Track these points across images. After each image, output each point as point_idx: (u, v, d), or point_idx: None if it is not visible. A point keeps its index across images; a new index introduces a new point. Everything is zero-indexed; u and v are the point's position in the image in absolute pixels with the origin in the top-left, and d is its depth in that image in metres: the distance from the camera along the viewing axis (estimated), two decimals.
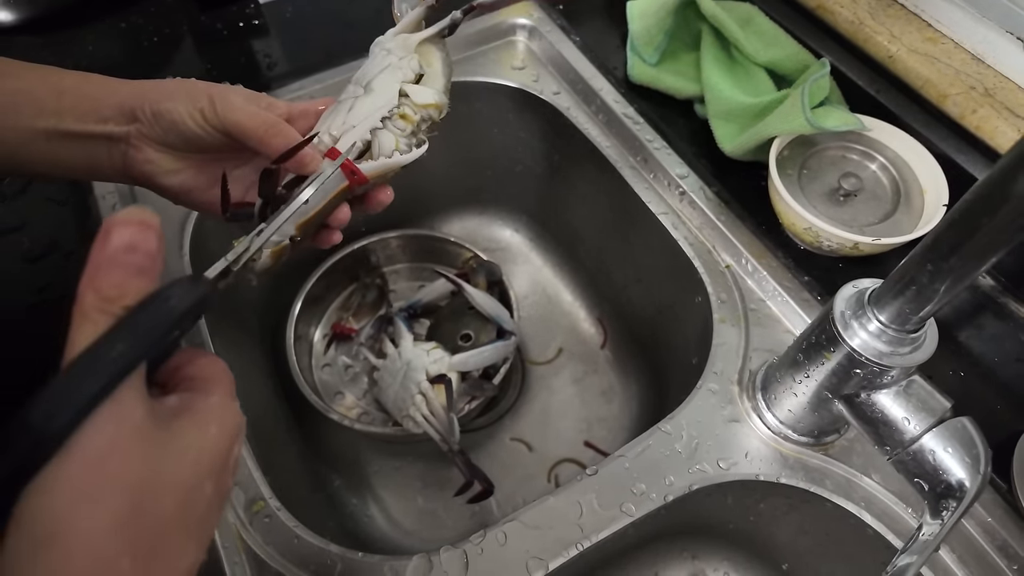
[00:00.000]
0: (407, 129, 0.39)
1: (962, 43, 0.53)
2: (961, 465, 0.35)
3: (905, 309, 0.35)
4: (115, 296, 0.22)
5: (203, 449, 0.23)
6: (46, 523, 0.19)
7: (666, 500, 0.43)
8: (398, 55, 0.40)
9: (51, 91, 0.36)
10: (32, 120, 0.35)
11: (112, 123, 0.36)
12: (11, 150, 0.36)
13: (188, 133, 0.36)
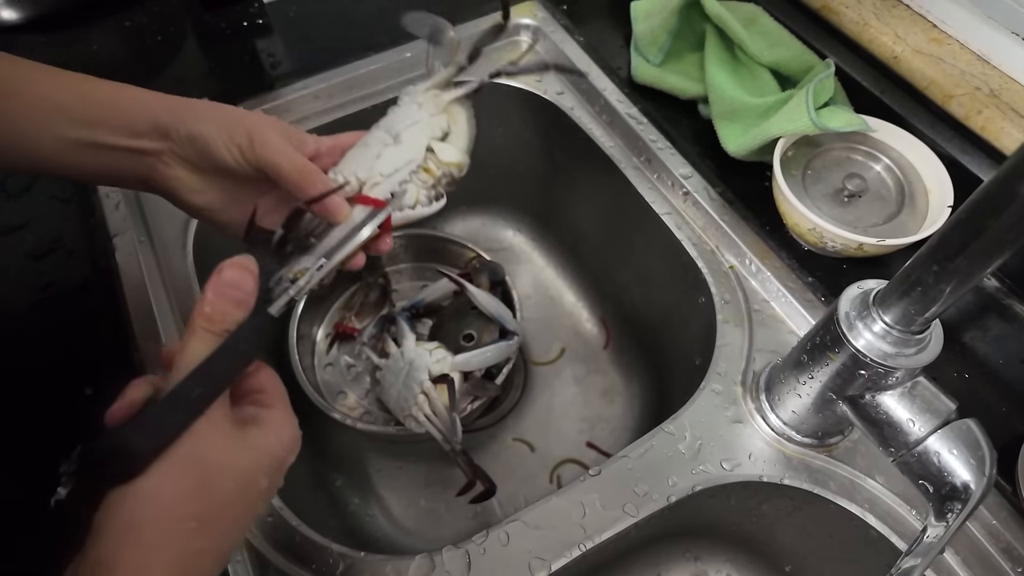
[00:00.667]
0: (428, 182, 0.41)
1: (967, 44, 0.53)
2: (966, 467, 0.35)
3: (910, 310, 0.35)
4: (218, 320, 0.29)
5: (264, 449, 0.29)
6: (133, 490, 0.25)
7: (669, 501, 0.43)
8: (429, 112, 0.42)
9: (84, 101, 0.36)
10: (63, 130, 0.36)
11: (145, 139, 0.37)
12: (40, 156, 0.37)
13: (222, 163, 0.38)
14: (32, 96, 0.36)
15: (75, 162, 0.37)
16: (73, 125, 0.36)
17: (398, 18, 0.68)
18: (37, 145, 0.36)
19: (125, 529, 0.25)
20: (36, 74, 0.37)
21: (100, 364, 0.48)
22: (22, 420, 0.46)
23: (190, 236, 0.55)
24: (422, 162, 0.41)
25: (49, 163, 0.37)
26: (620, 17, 0.68)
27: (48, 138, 0.36)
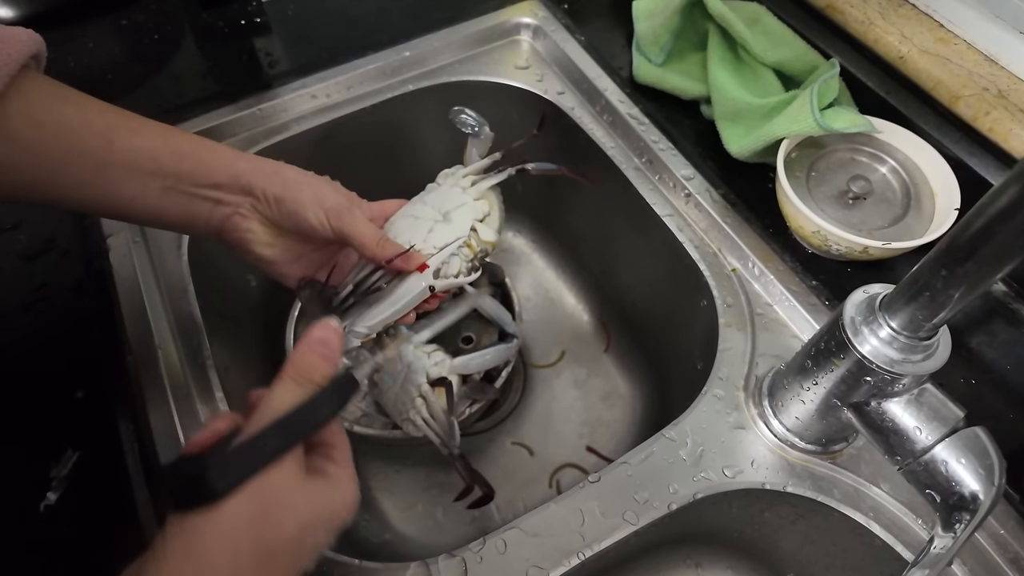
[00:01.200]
0: (469, 256, 0.48)
1: (975, 44, 0.52)
2: (975, 477, 0.34)
3: (918, 315, 0.34)
4: (306, 372, 0.31)
5: (326, 504, 0.30)
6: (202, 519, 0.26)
7: (670, 509, 0.43)
8: (472, 196, 0.50)
9: (171, 153, 0.40)
10: (149, 178, 0.39)
11: (224, 191, 0.41)
12: (122, 201, 0.39)
13: (306, 226, 0.42)
14: (128, 147, 0.38)
15: (156, 208, 0.40)
16: (160, 175, 0.39)
17: (397, 17, 0.68)
18: (121, 191, 0.39)
19: (186, 553, 0.26)
20: (134, 124, 0.40)
21: (93, 366, 0.47)
22: (12, 423, 0.45)
23: (185, 238, 0.54)
24: (467, 239, 0.48)
25: (129, 209, 0.40)
26: (621, 16, 0.67)
27: (134, 186, 0.39)
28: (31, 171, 0.37)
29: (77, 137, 0.37)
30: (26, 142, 0.36)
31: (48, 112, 0.37)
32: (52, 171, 0.37)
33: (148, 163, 0.39)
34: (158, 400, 0.46)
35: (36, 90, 0.37)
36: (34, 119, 0.36)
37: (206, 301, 0.52)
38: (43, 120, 0.36)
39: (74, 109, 0.38)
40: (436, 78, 0.64)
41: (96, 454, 0.43)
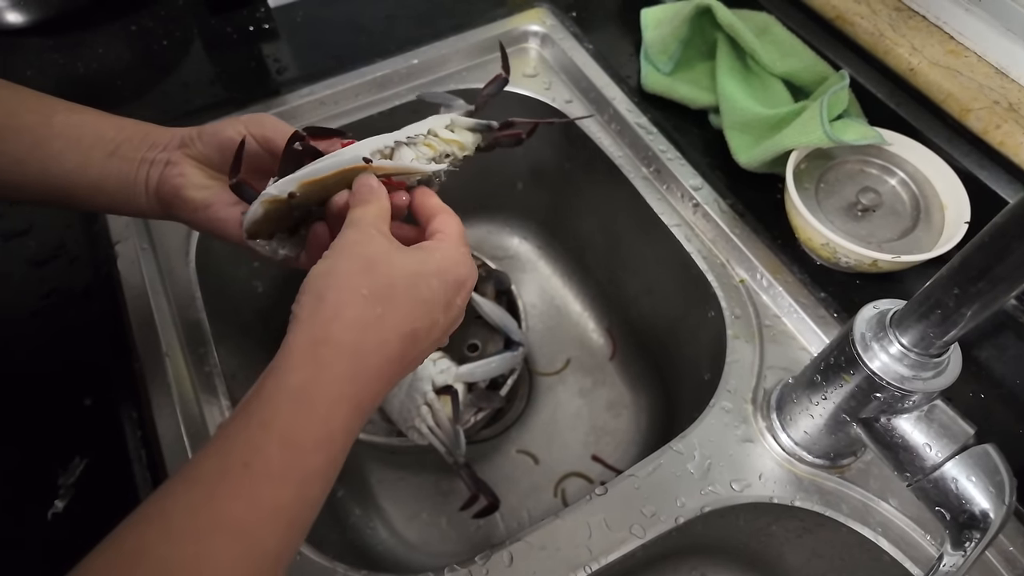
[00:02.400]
0: (428, 154, 0.40)
1: (985, 56, 0.52)
2: (985, 495, 0.34)
3: (929, 333, 0.34)
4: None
5: (428, 259, 0.33)
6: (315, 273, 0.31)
7: (677, 522, 0.42)
8: (436, 120, 0.42)
9: (113, 125, 0.39)
10: (90, 148, 0.38)
11: (161, 149, 0.40)
12: (66, 173, 0.38)
13: (228, 144, 0.39)
14: (68, 121, 0.38)
15: (97, 179, 0.39)
16: (102, 143, 0.38)
17: (405, 24, 0.68)
18: (61, 164, 0.38)
19: (315, 299, 0.30)
20: (73, 105, 0.39)
21: (100, 373, 0.47)
22: (21, 429, 0.45)
23: (192, 245, 0.55)
24: (424, 136, 0.40)
25: (69, 184, 0.38)
26: (629, 25, 0.67)
27: (74, 158, 0.38)
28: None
29: (12, 115, 0.37)
30: None
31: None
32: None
33: (90, 134, 0.38)
34: (165, 408, 0.46)
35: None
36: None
37: (212, 308, 0.52)
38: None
39: (8, 92, 0.38)
40: (444, 85, 0.64)
41: (103, 462, 0.43)
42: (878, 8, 0.56)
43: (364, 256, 0.31)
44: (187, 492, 0.27)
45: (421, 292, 0.32)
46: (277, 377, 0.29)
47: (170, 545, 0.25)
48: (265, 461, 0.27)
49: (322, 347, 0.29)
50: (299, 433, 0.28)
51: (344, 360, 0.29)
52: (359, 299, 0.30)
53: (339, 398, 0.29)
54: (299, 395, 0.28)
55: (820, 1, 0.58)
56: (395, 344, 0.31)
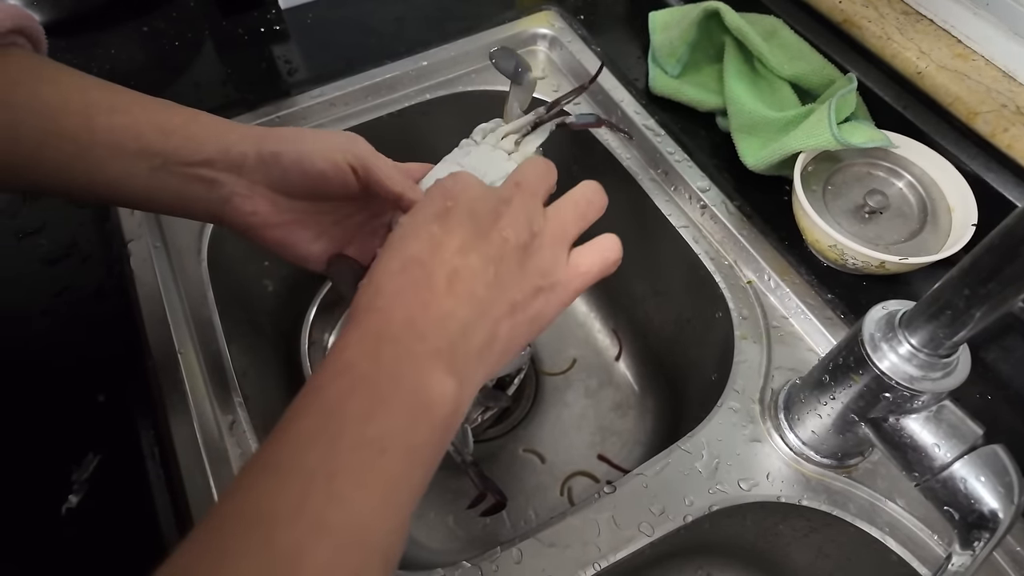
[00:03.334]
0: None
1: (993, 60, 0.52)
2: (994, 495, 0.34)
3: (939, 334, 0.34)
4: None
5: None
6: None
7: (685, 521, 0.43)
8: (517, 163, 0.44)
9: (157, 130, 0.36)
10: (134, 158, 0.36)
11: (216, 167, 0.37)
12: (107, 183, 0.36)
13: (315, 176, 0.37)
14: (109, 125, 0.35)
15: (145, 191, 0.37)
16: (146, 155, 0.36)
17: (414, 27, 0.68)
18: (105, 173, 0.36)
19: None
20: (117, 100, 0.36)
21: (113, 370, 0.48)
22: (35, 425, 0.45)
23: (204, 243, 0.55)
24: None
25: (117, 192, 0.37)
26: (637, 27, 0.68)
27: (119, 167, 0.36)
28: (8, 155, 0.34)
29: (53, 119, 0.34)
30: (0, 125, 0.34)
31: (22, 92, 0.34)
32: (30, 155, 0.35)
33: (132, 142, 0.35)
34: (178, 405, 0.46)
35: (12, 69, 0.34)
36: (7, 100, 0.34)
37: (224, 306, 0.53)
38: (15, 102, 0.34)
39: (51, 89, 0.35)
40: (453, 87, 0.65)
41: (117, 458, 0.44)
42: (885, 12, 0.56)
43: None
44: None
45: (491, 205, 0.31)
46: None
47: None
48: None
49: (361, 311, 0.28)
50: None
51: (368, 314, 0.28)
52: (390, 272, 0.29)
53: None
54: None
55: (828, 4, 0.58)
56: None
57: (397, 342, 0.27)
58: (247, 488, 0.24)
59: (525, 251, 0.31)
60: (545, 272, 0.31)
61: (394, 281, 0.28)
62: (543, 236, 0.31)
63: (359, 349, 0.27)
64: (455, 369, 0.27)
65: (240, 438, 0.46)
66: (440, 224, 0.29)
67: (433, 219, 0.29)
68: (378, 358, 0.26)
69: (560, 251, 0.32)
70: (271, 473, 0.24)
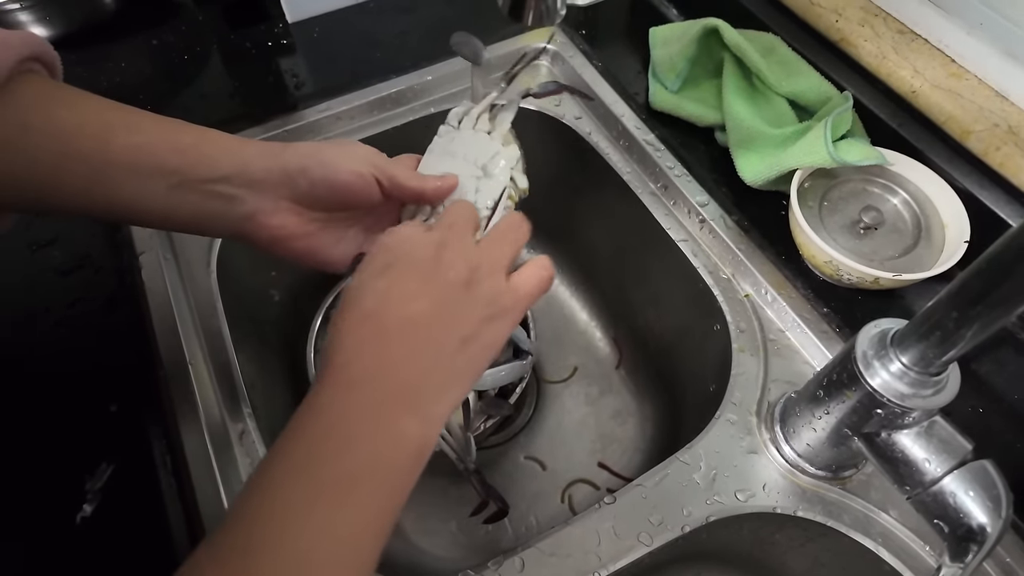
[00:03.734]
0: (512, 207, 0.45)
1: (986, 79, 0.53)
2: (982, 508, 0.35)
3: (929, 353, 0.35)
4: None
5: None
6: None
7: (683, 531, 0.44)
8: (500, 142, 0.46)
9: (171, 149, 0.37)
10: (149, 176, 0.37)
11: (233, 184, 0.38)
12: (124, 202, 0.37)
13: (341, 187, 0.39)
14: (125, 145, 0.36)
15: (164, 209, 0.38)
16: (163, 173, 0.37)
17: (419, 41, 0.70)
18: (123, 193, 0.37)
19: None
20: (132, 120, 0.37)
21: (125, 380, 0.49)
22: (49, 435, 0.47)
23: (214, 255, 0.56)
24: (510, 191, 0.45)
25: (135, 212, 0.38)
26: (638, 43, 0.69)
27: (137, 187, 0.37)
28: (27, 179, 0.35)
29: (70, 141, 0.35)
30: (18, 149, 0.34)
31: (38, 116, 0.35)
32: (49, 177, 0.35)
33: (148, 161, 0.36)
34: (189, 414, 0.47)
35: (28, 94, 0.35)
36: (24, 124, 0.34)
37: (232, 316, 0.54)
38: (34, 124, 0.35)
39: (67, 112, 0.36)
40: (457, 101, 0.66)
41: (130, 467, 0.45)
42: (881, 31, 0.57)
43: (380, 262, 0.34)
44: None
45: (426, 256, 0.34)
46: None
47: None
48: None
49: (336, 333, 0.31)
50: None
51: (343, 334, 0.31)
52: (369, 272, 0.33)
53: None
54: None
55: (825, 23, 0.60)
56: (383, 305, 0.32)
57: (361, 391, 0.30)
58: (237, 519, 0.28)
59: (467, 286, 0.33)
60: (490, 301, 0.34)
61: (352, 336, 0.31)
62: (481, 269, 0.34)
63: (330, 396, 0.30)
64: (418, 409, 0.31)
65: (249, 447, 0.48)
66: (385, 278, 0.32)
67: (379, 274, 0.32)
68: (346, 405, 0.30)
69: (499, 279, 0.35)
70: (256, 506, 0.28)
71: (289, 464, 0.29)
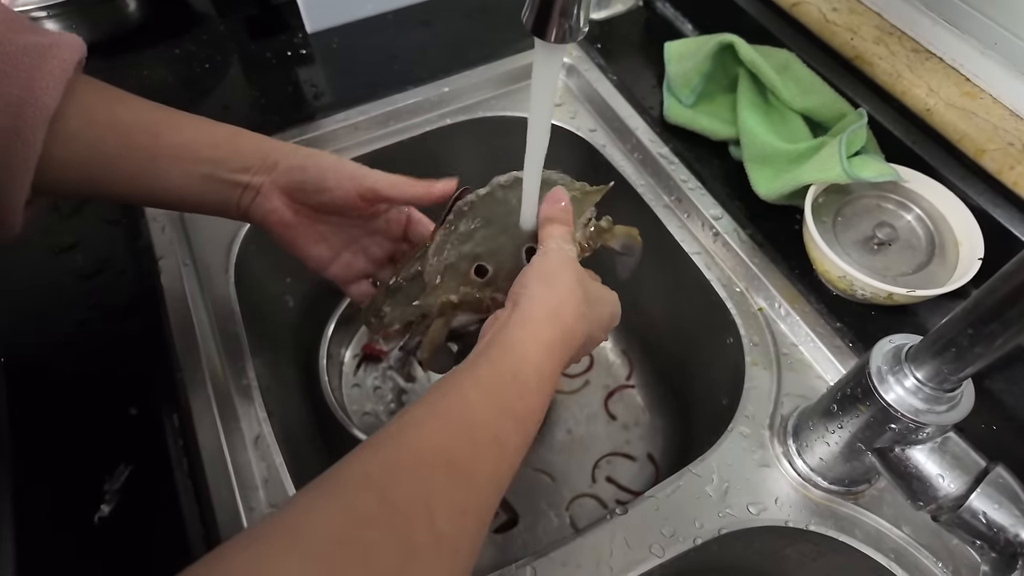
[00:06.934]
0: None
1: (1000, 98, 0.54)
2: (1013, 519, 0.35)
3: (943, 369, 0.35)
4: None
5: (599, 300, 0.41)
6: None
7: (695, 543, 0.44)
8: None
9: (208, 143, 0.42)
10: (191, 167, 0.42)
11: (253, 172, 0.43)
12: (168, 189, 0.42)
13: (324, 191, 0.43)
14: (171, 141, 0.41)
15: (198, 195, 0.43)
16: (200, 164, 0.42)
17: (436, 54, 0.71)
18: (167, 181, 0.41)
19: (545, 286, 0.37)
20: (174, 119, 0.42)
21: (144, 383, 0.49)
22: (69, 436, 0.47)
23: (232, 261, 0.57)
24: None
25: (173, 197, 0.42)
26: (653, 57, 0.70)
27: (178, 176, 0.41)
28: (88, 168, 0.40)
29: (127, 134, 0.40)
30: (84, 141, 0.39)
31: (103, 112, 0.39)
32: (106, 166, 0.40)
33: (189, 154, 0.41)
34: (205, 418, 0.48)
35: (89, 92, 0.39)
36: (91, 119, 0.39)
37: (249, 321, 0.55)
38: (99, 119, 0.39)
39: (124, 108, 0.41)
40: (473, 113, 0.67)
41: (147, 469, 0.46)
42: (896, 49, 0.58)
43: (577, 274, 0.39)
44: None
45: (602, 315, 0.41)
46: (528, 331, 0.35)
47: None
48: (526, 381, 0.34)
49: (554, 318, 0.36)
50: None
51: (563, 332, 0.36)
52: (577, 299, 0.37)
53: (559, 357, 0.36)
54: (548, 347, 0.35)
55: (840, 41, 0.60)
56: (580, 338, 0.38)
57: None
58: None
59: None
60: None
61: (571, 314, 0.38)
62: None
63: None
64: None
65: (264, 451, 0.48)
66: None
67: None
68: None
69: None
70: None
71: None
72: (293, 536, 0.24)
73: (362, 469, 0.28)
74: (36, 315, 0.53)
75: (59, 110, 0.36)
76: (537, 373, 0.34)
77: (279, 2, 0.75)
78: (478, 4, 0.76)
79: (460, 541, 0.28)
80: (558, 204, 0.42)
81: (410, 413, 0.31)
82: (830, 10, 0.62)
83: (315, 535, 0.24)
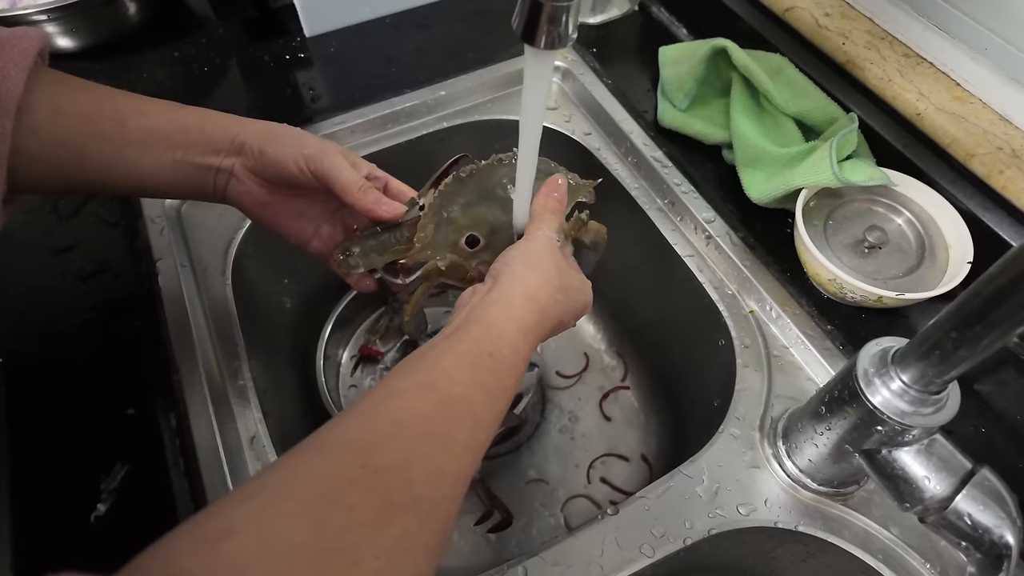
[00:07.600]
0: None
1: (990, 103, 0.54)
2: (997, 520, 0.35)
3: (928, 372, 0.36)
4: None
5: (574, 288, 0.42)
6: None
7: (685, 543, 0.44)
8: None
9: (177, 128, 0.42)
10: (161, 153, 0.42)
11: (223, 155, 0.43)
12: (139, 176, 0.42)
13: (287, 175, 0.43)
14: (138, 127, 0.41)
15: (171, 180, 0.43)
16: (170, 149, 0.42)
17: (433, 57, 0.71)
18: (139, 168, 0.41)
19: (527, 267, 0.39)
20: (141, 105, 0.42)
21: (141, 383, 0.50)
22: (66, 436, 0.48)
23: (229, 262, 0.58)
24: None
25: (148, 184, 0.43)
26: (647, 61, 0.70)
27: (148, 161, 0.41)
28: (58, 159, 0.39)
29: (93, 122, 0.40)
30: (51, 132, 0.38)
31: (67, 101, 0.39)
32: (76, 157, 0.40)
33: (158, 140, 0.41)
34: (202, 418, 0.48)
35: (53, 82, 0.39)
36: (56, 108, 0.39)
37: (246, 323, 0.55)
38: (64, 109, 0.39)
39: (88, 96, 0.40)
40: (469, 116, 0.68)
41: (143, 468, 0.46)
42: (887, 54, 0.58)
43: (557, 261, 0.41)
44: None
45: (575, 303, 0.42)
46: (506, 312, 0.37)
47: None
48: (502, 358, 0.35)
49: (531, 301, 0.37)
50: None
51: (539, 316, 0.38)
52: (554, 285, 0.39)
53: (532, 338, 0.38)
54: (524, 329, 0.37)
55: (832, 46, 0.61)
56: (552, 323, 0.39)
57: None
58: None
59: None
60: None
61: (547, 299, 0.40)
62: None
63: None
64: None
65: (260, 451, 0.49)
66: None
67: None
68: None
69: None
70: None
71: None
72: (283, 494, 0.26)
73: (345, 434, 0.30)
74: (34, 315, 0.54)
75: (24, 101, 0.36)
76: (512, 352, 0.35)
77: (278, 6, 0.76)
78: (475, 8, 0.76)
79: (438, 502, 0.30)
80: (554, 193, 0.43)
81: (393, 383, 0.33)
82: (822, 15, 0.62)
83: (303, 494, 0.26)
